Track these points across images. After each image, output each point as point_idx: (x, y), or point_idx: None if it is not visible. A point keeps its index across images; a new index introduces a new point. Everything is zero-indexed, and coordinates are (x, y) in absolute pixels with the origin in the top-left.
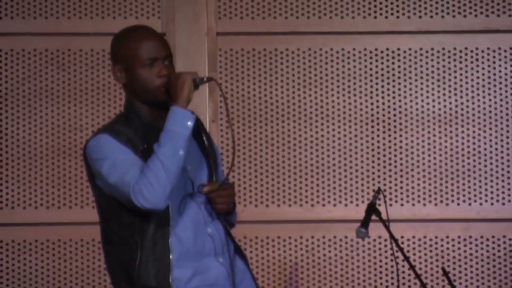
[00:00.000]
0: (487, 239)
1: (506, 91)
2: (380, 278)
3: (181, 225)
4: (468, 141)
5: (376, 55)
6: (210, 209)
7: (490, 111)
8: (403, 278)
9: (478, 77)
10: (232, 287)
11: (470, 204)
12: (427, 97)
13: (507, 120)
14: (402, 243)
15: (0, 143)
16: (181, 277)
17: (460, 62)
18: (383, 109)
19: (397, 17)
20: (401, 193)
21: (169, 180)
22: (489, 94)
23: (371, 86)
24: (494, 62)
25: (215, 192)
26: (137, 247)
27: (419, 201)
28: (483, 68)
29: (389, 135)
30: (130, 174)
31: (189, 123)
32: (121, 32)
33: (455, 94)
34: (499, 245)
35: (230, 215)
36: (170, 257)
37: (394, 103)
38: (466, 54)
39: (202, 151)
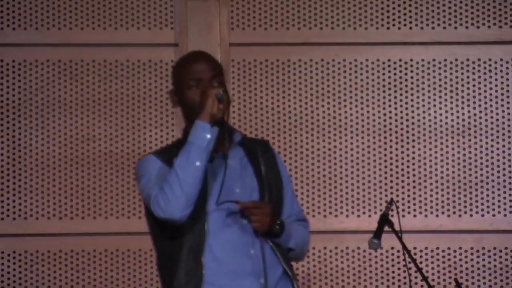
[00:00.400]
0: (500, 251)
1: None
2: None
3: (218, 244)
4: (481, 152)
5: (389, 66)
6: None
7: (503, 122)
8: None
9: (491, 88)
10: None
11: (483, 215)
12: (440, 108)
13: None
14: (415, 254)
15: (13, 154)
16: None
17: (473, 73)
18: (396, 120)
19: (410, 28)
20: (414, 204)
21: (183, 191)
22: (502, 106)
23: (384, 97)
24: (507, 73)
25: (247, 210)
26: (175, 262)
27: (432, 212)
28: (496, 79)
29: (402, 146)
30: (155, 188)
31: (208, 135)
32: (178, 59)
33: (468, 105)
34: (511, 257)
35: (277, 238)
36: (203, 272)
37: (407, 114)
38: (479, 65)
39: (256, 176)
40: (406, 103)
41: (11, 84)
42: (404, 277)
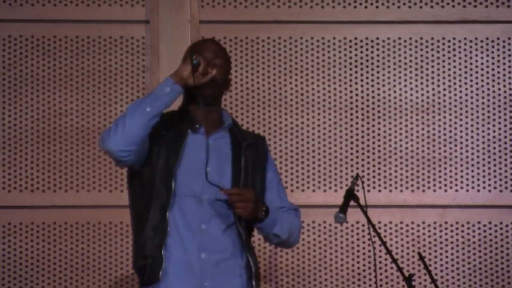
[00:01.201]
0: (462, 225)
1: (482, 81)
2: (358, 262)
3: (184, 205)
4: (444, 129)
5: (356, 44)
6: (215, 209)
7: (467, 100)
8: (380, 262)
9: (455, 67)
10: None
11: (446, 190)
12: (405, 85)
13: (483, 109)
14: (379, 228)
15: None
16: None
17: (438, 52)
18: (362, 97)
19: (376, 7)
20: (379, 179)
21: (124, 129)
22: (466, 83)
23: (351, 75)
24: (470, 52)
25: (231, 196)
26: (145, 219)
27: (396, 187)
28: (460, 58)
29: (368, 123)
30: None
31: (167, 89)
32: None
33: (432, 83)
34: (473, 231)
35: (261, 222)
36: (168, 228)
37: (373, 91)
38: (443, 44)
39: (233, 164)
40: (372, 80)
41: None
42: (369, 251)
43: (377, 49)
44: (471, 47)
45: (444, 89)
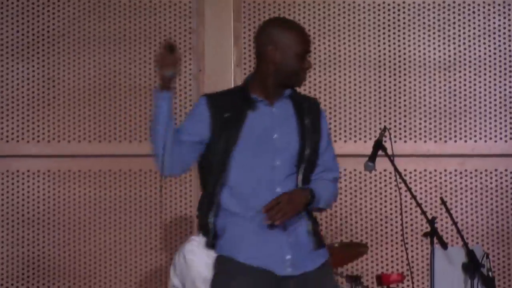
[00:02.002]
0: (481, 173)
1: (499, 41)
2: (385, 206)
3: (240, 179)
4: (465, 84)
5: (384, 7)
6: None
7: (485, 58)
8: (406, 206)
9: (474, 28)
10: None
11: (466, 141)
12: (429, 45)
13: (500, 66)
14: (405, 175)
15: (48, 84)
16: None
17: (459, 15)
18: (389, 56)
19: None
20: (405, 131)
21: (158, 158)
22: (484, 44)
23: (379, 36)
24: (489, 15)
25: (270, 213)
26: (204, 195)
27: (420, 138)
28: (479, 20)
29: (395, 79)
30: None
31: (157, 101)
32: (280, 21)
33: (454, 43)
34: (491, 178)
35: (317, 207)
36: (221, 202)
37: (399, 51)
38: (464, 7)
39: (299, 126)
40: (399, 41)
41: (46, 21)
42: (395, 196)
43: (403, 12)
44: (489, 10)
45: (465, 49)
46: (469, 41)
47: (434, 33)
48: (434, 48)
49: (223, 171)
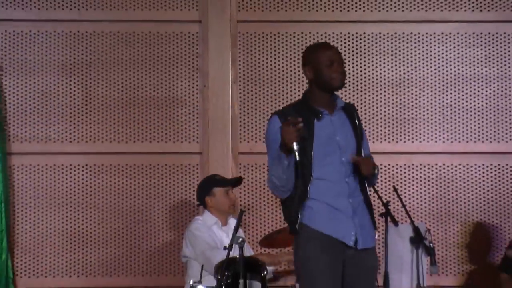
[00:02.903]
0: (424, 166)
1: (438, 64)
2: None
3: (321, 174)
4: (411, 98)
5: (348, 37)
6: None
7: (428, 78)
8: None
9: (419, 54)
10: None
11: (412, 141)
12: (384, 67)
13: (439, 83)
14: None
15: (86, 96)
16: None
17: (407, 43)
18: (353, 76)
19: (363, 10)
20: (367, 134)
21: (278, 192)
22: (427, 66)
23: (346, 60)
24: (430, 43)
25: (358, 161)
26: (295, 192)
27: (377, 139)
28: (422, 47)
29: (357, 94)
30: (272, 155)
31: (283, 161)
32: (310, 46)
33: (403, 66)
34: (432, 171)
35: (372, 178)
36: (308, 194)
37: (361, 71)
38: (410, 38)
39: (353, 130)
40: (360, 63)
41: (85, 47)
42: None
43: (364, 41)
44: (430, 39)
45: (411, 70)
46: (415, 64)
47: (387, 57)
48: (388, 70)
49: (309, 170)
